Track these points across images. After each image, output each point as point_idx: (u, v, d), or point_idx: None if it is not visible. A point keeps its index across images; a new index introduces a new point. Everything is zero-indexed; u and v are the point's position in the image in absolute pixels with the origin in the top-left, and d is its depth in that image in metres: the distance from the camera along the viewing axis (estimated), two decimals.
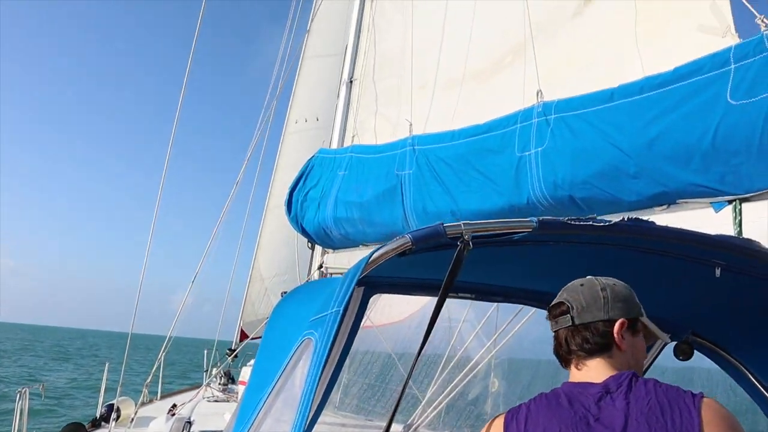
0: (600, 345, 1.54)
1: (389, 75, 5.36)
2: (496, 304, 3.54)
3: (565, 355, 1.61)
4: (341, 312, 1.59)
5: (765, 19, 2.37)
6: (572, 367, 1.60)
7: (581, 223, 1.65)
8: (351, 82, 5.52)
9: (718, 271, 1.90)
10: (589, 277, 1.64)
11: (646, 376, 1.55)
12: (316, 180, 4.88)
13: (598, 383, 1.51)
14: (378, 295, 2.53)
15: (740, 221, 2.35)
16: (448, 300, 1.81)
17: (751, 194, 2.35)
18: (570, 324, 1.57)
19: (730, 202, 2.40)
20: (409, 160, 3.90)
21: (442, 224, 1.56)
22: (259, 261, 8.30)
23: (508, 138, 3.20)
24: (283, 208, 5.20)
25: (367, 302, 2.30)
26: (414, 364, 2.30)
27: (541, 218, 1.62)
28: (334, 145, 5.44)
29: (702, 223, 2.50)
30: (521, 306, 3.29)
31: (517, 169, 3.08)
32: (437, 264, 1.69)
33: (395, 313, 5.74)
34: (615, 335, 1.54)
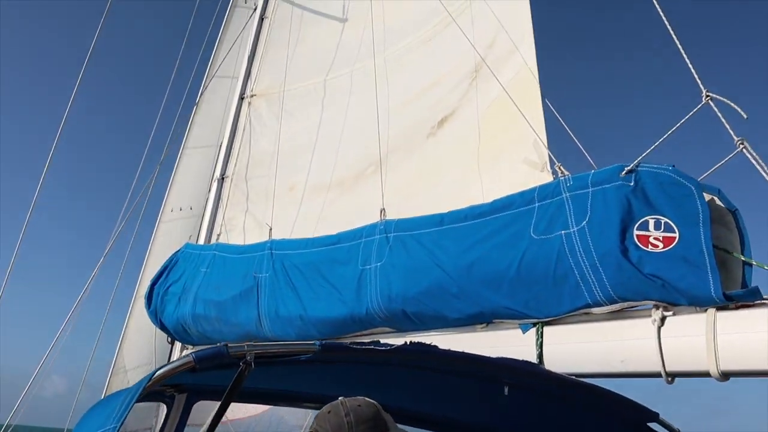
0: None
1: (261, 175, 5.53)
2: None
3: None
4: (117, 428, 1.62)
5: (561, 167, 2.75)
6: None
7: (363, 347, 1.80)
8: (223, 179, 5.64)
9: (506, 390, 2.12)
10: (337, 400, 1.71)
11: None
12: (179, 275, 4.87)
13: None
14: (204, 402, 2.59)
15: (541, 343, 2.62)
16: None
17: (551, 318, 2.64)
18: None
19: (534, 324, 2.68)
20: (266, 263, 4.02)
21: (227, 345, 1.66)
22: (123, 351, 7.94)
23: (354, 251, 3.41)
24: (143, 301, 5.13)
25: (190, 409, 2.34)
26: None
27: (324, 342, 1.76)
28: (202, 241, 5.48)
29: (516, 341, 2.78)
30: None
31: (359, 281, 3.27)
32: (263, 373, 1.76)
33: (251, 407, 5.67)
34: None
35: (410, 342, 1.92)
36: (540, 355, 2.62)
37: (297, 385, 2.50)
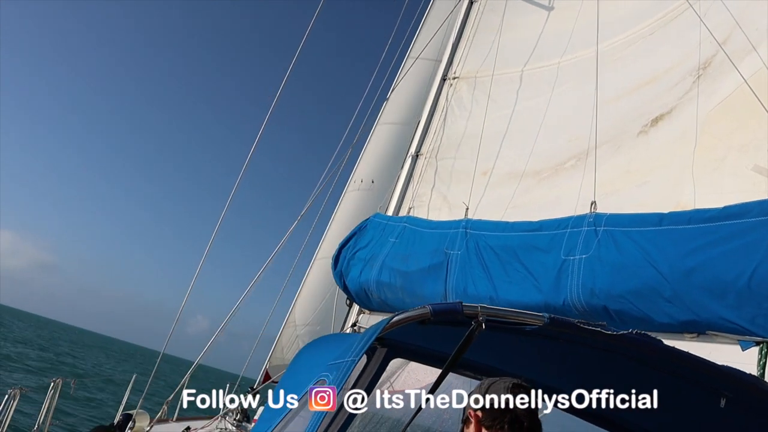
0: None
1: (453, 156, 5.61)
2: None
3: None
4: (356, 361, 1.75)
5: None
6: None
7: (591, 327, 1.78)
8: (417, 156, 5.79)
9: (722, 402, 1.99)
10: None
11: None
12: (367, 242, 5.08)
13: None
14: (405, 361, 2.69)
15: (764, 364, 2.43)
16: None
17: None
18: None
19: (757, 343, 2.49)
20: (460, 241, 4.07)
21: (461, 303, 1.71)
22: (296, 308, 8.49)
23: (557, 240, 3.35)
24: (329, 262, 5.42)
25: (388, 362, 2.45)
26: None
27: (552, 315, 1.76)
28: (390, 213, 5.67)
29: (732, 357, 2.59)
30: None
31: (560, 270, 3.22)
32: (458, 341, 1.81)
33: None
34: None
35: (636, 331, 1.86)
36: (761, 377, 2.43)
37: (502, 363, 2.51)
